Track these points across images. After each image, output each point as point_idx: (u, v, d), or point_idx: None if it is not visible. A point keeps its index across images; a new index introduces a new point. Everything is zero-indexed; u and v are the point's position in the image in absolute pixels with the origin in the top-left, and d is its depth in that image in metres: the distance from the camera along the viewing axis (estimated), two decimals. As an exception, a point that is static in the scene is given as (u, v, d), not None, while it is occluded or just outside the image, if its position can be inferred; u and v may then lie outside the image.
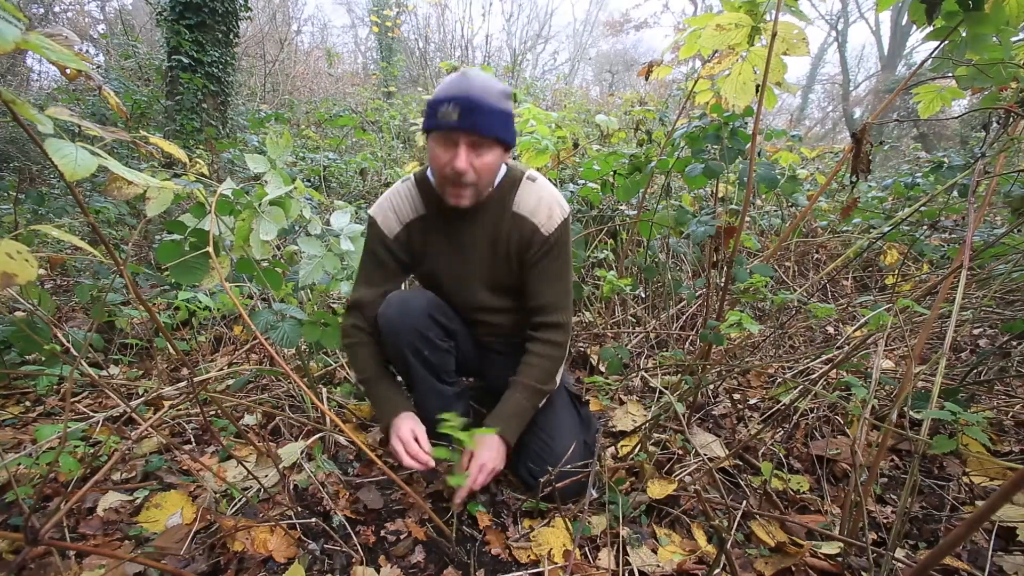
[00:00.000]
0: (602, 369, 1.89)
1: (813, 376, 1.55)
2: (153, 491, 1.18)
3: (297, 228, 1.90)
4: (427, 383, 1.27)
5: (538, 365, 1.23)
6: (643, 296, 2.47)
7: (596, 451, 1.17)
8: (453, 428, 0.99)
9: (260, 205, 1.21)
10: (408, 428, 1.16)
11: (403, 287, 1.40)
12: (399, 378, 1.33)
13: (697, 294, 2.23)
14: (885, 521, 1.17)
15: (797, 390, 1.43)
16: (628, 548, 1.06)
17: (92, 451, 1.29)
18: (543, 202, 1.20)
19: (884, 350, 1.35)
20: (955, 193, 2.17)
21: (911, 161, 4.55)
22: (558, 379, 1.29)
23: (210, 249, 0.98)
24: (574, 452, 1.19)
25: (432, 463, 1.12)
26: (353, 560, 1.03)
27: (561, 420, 1.29)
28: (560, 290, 1.25)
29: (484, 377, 1.49)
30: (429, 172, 1.23)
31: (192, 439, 1.46)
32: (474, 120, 1.03)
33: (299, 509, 1.15)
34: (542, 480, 1.11)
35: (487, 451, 1.15)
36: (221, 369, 1.80)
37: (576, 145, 2.65)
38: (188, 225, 1.19)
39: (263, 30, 9.25)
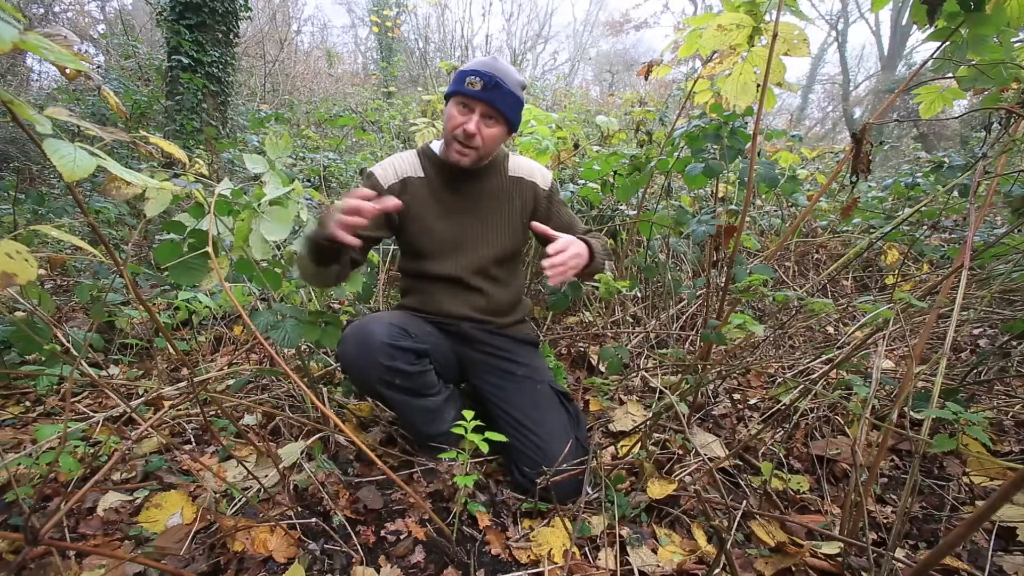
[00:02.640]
0: (602, 369, 1.89)
1: (813, 376, 1.55)
2: (153, 491, 1.18)
3: (297, 229, 1.91)
4: (408, 404, 1.27)
5: (592, 240, 1.34)
6: (643, 296, 2.46)
7: (589, 448, 1.18)
8: (461, 427, 1.01)
9: (259, 205, 1.21)
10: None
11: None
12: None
13: (697, 294, 2.23)
14: (885, 521, 1.17)
15: (797, 390, 1.43)
16: (628, 548, 1.06)
17: (92, 451, 1.29)
18: (533, 166, 1.44)
19: (884, 350, 1.35)
20: (955, 193, 2.17)
21: (911, 161, 4.55)
22: (608, 267, 1.43)
23: (209, 249, 0.97)
24: (568, 451, 1.19)
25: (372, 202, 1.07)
26: (353, 560, 1.03)
27: (552, 420, 1.29)
28: (579, 225, 1.47)
29: (469, 383, 1.48)
30: (432, 144, 1.40)
31: (192, 439, 1.46)
32: (493, 95, 1.21)
33: (299, 509, 1.15)
34: (538, 482, 1.11)
35: (577, 242, 1.22)
36: (221, 369, 1.80)
37: (576, 146, 2.65)
38: (186, 225, 1.18)
39: (263, 30, 9.24)
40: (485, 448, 1.03)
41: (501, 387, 1.36)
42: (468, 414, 1.05)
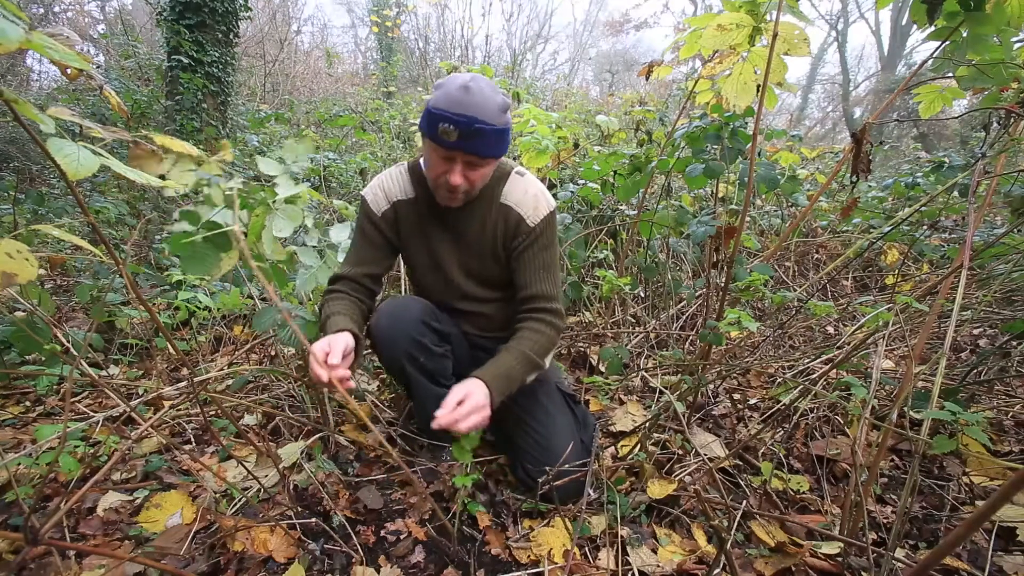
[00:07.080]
0: (602, 369, 1.89)
1: (813, 376, 1.55)
2: (153, 491, 1.18)
3: (298, 232, 1.90)
4: (425, 388, 1.27)
5: (531, 337, 1.20)
6: (643, 296, 2.47)
7: (593, 450, 1.17)
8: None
9: (274, 203, 1.21)
10: (322, 343, 1.03)
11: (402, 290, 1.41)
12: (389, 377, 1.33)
13: (697, 294, 2.23)
14: (885, 521, 1.17)
15: (797, 390, 1.43)
16: (628, 548, 1.06)
17: (92, 451, 1.29)
18: (529, 194, 1.24)
19: (884, 350, 1.35)
20: (955, 193, 2.17)
21: (911, 161, 4.55)
22: (548, 360, 1.29)
23: (236, 228, 0.92)
24: (571, 452, 1.19)
25: (342, 374, 0.97)
26: (353, 560, 1.03)
27: (557, 421, 1.29)
28: (549, 280, 1.26)
29: None
30: (422, 161, 1.25)
31: (192, 439, 1.46)
32: (474, 143, 1.04)
33: (299, 509, 1.15)
34: (540, 480, 1.11)
35: (476, 392, 1.04)
36: (221, 369, 1.80)
37: (576, 145, 2.65)
38: (201, 215, 1.18)
39: (263, 30, 9.25)
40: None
41: None
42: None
